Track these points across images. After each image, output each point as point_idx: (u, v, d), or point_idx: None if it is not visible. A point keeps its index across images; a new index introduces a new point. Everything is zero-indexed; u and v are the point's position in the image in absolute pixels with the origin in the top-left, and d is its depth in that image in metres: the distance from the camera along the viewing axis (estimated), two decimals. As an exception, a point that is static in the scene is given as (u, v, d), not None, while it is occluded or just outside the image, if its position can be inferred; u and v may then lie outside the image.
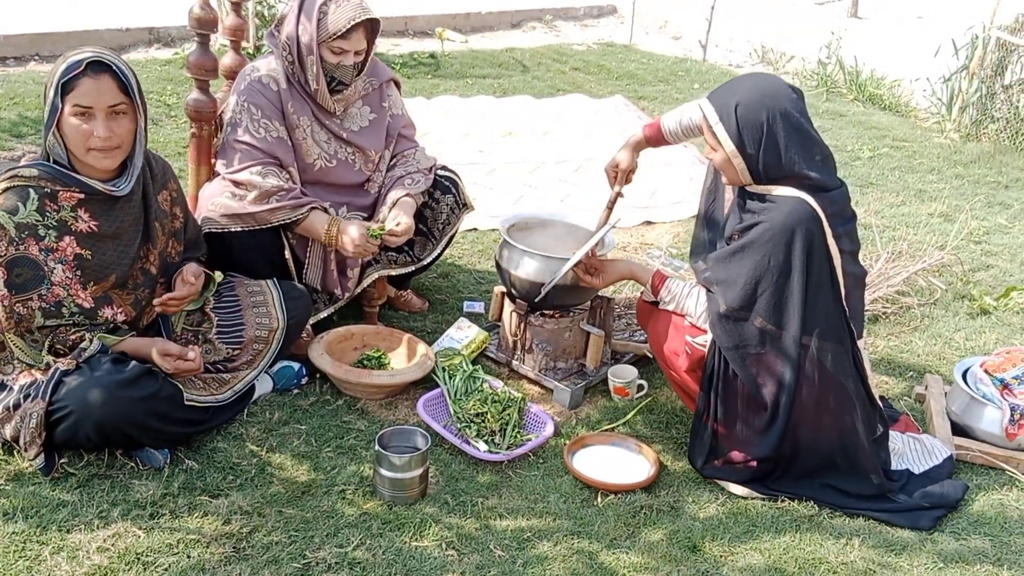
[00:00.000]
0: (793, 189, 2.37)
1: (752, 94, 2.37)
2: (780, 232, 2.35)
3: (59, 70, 2.27)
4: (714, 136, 2.40)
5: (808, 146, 2.37)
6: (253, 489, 2.39)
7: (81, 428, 2.28)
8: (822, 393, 2.44)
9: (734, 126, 2.35)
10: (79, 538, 2.17)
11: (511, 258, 2.89)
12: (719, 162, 2.44)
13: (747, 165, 2.38)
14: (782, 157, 2.35)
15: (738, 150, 2.36)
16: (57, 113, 2.27)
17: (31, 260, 2.32)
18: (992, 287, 3.97)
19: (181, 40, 6.56)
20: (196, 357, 2.50)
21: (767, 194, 2.41)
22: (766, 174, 2.38)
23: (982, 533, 2.48)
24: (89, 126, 2.28)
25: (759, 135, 2.33)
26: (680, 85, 6.86)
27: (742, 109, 2.34)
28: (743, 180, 2.44)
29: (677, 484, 2.58)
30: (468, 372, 2.86)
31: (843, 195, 2.46)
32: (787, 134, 2.34)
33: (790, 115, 2.34)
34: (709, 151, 2.47)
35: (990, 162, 5.64)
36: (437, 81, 6.34)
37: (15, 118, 4.75)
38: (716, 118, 2.38)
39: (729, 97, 2.39)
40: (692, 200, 4.65)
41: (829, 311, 2.42)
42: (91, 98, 2.26)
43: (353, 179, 3.04)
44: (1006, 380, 2.83)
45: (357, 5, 2.77)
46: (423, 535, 2.29)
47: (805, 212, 2.35)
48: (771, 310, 2.39)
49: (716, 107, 2.40)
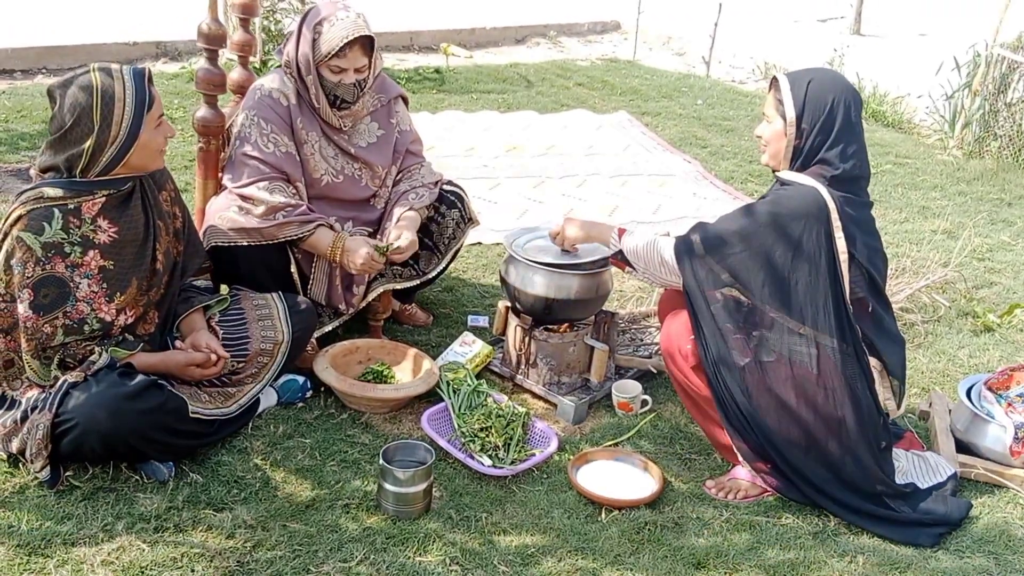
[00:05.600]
0: (813, 179, 2.43)
1: (826, 77, 2.50)
2: (784, 211, 2.43)
3: (130, 95, 2.33)
4: (780, 103, 2.46)
5: (851, 142, 2.44)
6: (257, 503, 2.39)
7: (86, 440, 2.29)
8: (799, 378, 2.45)
9: (802, 97, 2.43)
10: (83, 551, 2.17)
11: (515, 272, 2.89)
12: (769, 135, 2.51)
13: (795, 141, 2.45)
14: (828, 141, 2.42)
15: (796, 120, 2.43)
16: (137, 136, 2.35)
17: (57, 278, 2.34)
18: (996, 304, 3.97)
19: (188, 54, 6.60)
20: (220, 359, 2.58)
21: (790, 180, 2.48)
22: (805, 156, 2.45)
23: (985, 551, 2.48)
24: (162, 129, 2.44)
25: (820, 113, 2.41)
26: (683, 101, 6.90)
27: (814, 85, 2.44)
28: (782, 162, 2.50)
29: (681, 500, 2.58)
30: (472, 386, 2.87)
31: (868, 207, 2.51)
32: (843, 123, 2.42)
33: (851, 108, 2.44)
34: (763, 125, 2.54)
35: (993, 179, 5.66)
36: (442, 96, 6.37)
37: (23, 130, 4.78)
38: (788, 86, 2.46)
39: (804, 74, 2.50)
40: (695, 215, 4.67)
41: (832, 307, 2.43)
42: (160, 105, 2.44)
43: (359, 194, 3.06)
44: (1010, 398, 2.83)
45: (351, 23, 2.77)
46: (427, 550, 2.29)
47: (815, 200, 2.41)
48: (741, 274, 2.44)
49: (790, 78, 2.49)
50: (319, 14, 2.80)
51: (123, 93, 2.32)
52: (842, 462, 2.51)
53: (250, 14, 3.18)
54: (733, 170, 5.46)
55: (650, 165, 5.40)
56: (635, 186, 5.06)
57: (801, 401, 2.45)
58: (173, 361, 2.55)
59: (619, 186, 5.04)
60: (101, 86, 2.30)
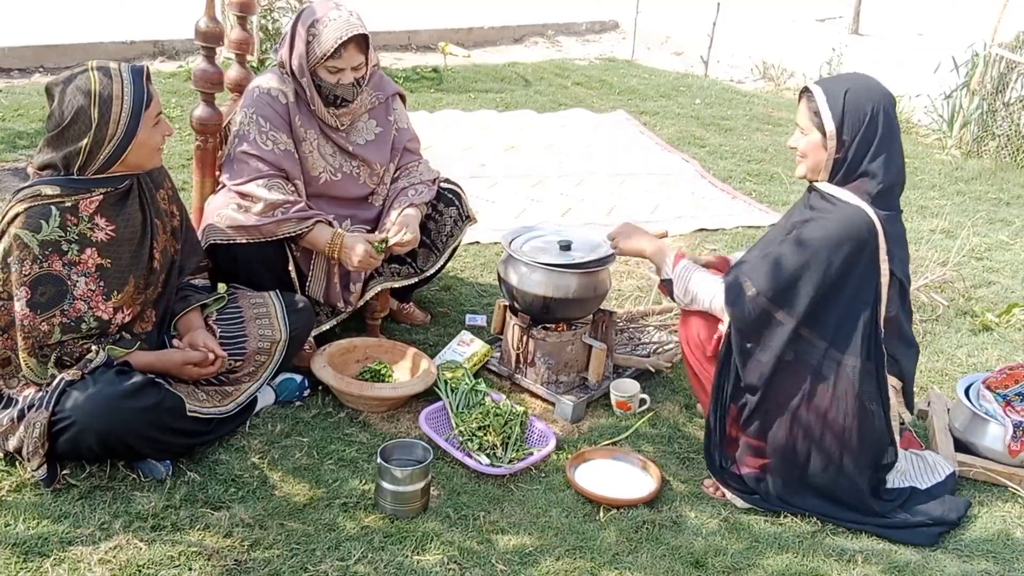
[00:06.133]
0: (857, 196, 2.38)
1: (861, 84, 2.42)
2: (835, 237, 2.36)
3: (128, 93, 2.31)
4: (816, 116, 2.39)
5: (892, 152, 2.39)
6: (255, 502, 2.39)
7: (83, 438, 2.28)
8: (833, 404, 2.43)
9: (840, 108, 2.36)
10: (80, 550, 2.16)
11: (513, 271, 2.89)
12: (806, 147, 2.44)
13: (836, 154, 2.39)
14: (869, 152, 2.37)
15: (836, 132, 2.37)
16: (135, 134, 2.34)
17: (55, 276, 2.33)
18: (994, 303, 3.97)
19: (186, 53, 6.59)
20: (218, 358, 2.57)
21: (833, 195, 2.41)
22: (847, 169, 2.39)
23: (985, 551, 2.48)
24: (159, 128, 2.43)
25: (860, 124, 2.35)
26: (682, 100, 6.89)
27: (851, 95, 2.37)
28: (821, 173, 2.44)
29: (679, 499, 2.58)
30: (470, 385, 2.86)
31: (900, 220, 2.46)
32: (883, 131, 2.37)
33: (891, 115, 2.39)
34: (798, 136, 2.47)
35: (991, 179, 5.66)
36: (440, 95, 6.37)
37: (21, 129, 4.77)
38: (824, 98, 2.38)
39: (837, 83, 2.43)
40: (694, 214, 4.67)
41: (864, 327, 2.40)
42: (159, 103, 2.42)
43: (357, 192, 3.05)
44: (1008, 397, 2.83)
45: (344, 23, 2.76)
46: (425, 549, 2.28)
47: (864, 222, 2.36)
48: (806, 313, 2.37)
49: (824, 88, 2.41)
50: (312, 15, 2.79)
51: (121, 91, 2.31)
52: (835, 483, 2.50)
53: (247, 12, 3.17)
54: (731, 169, 5.45)
55: (648, 164, 5.40)
56: (633, 185, 5.05)
57: (810, 406, 2.44)
58: (170, 360, 2.55)
59: (617, 185, 5.04)
60: (99, 84, 2.30)
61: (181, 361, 2.55)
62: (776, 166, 5.55)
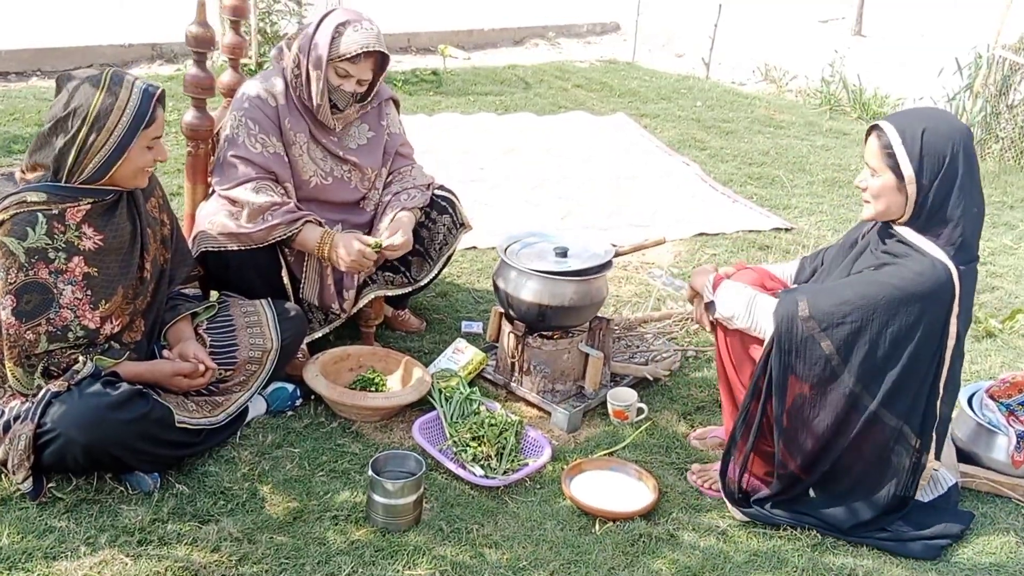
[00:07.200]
0: (938, 247, 2.25)
1: (939, 123, 2.26)
2: (909, 289, 2.23)
3: (132, 107, 2.27)
4: (890, 157, 2.25)
5: (974, 193, 2.26)
6: (244, 515, 2.35)
7: (69, 450, 2.24)
8: (868, 442, 2.37)
9: (917, 151, 2.21)
10: (65, 565, 2.12)
11: (509, 278, 2.85)
12: (879, 189, 2.28)
13: (916, 198, 2.25)
14: (952, 196, 2.23)
15: (915, 177, 2.22)
16: (127, 149, 2.29)
17: (41, 284, 2.30)
18: (997, 309, 3.92)
19: (183, 56, 6.57)
20: (208, 370, 2.54)
21: (914, 243, 2.27)
22: (928, 213, 2.25)
23: (988, 564, 2.43)
24: (153, 152, 2.37)
25: (940, 166, 2.21)
26: (683, 103, 6.85)
27: (929, 135, 2.22)
28: (897, 215, 2.30)
29: (677, 512, 2.53)
30: (465, 394, 2.82)
31: (976, 270, 2.32)
32: (964, 172, 2.23)
33: (972, 155, 2.24)
34: (868, 176, 2.32)
35: (995, 182, 5.61)
36: (439, 98, 6.33)
37: (16, 133, 4.74)
38: (899, 140, 2.24)
39: (913, 120, 2.27)
40: (693, 219, 4.63)
41: (916, 392, 2.31)
42: (161, 128, 2.37)
43: (349, 197, 3.02)
44: (1012, 406, 2.78)
45: (374, 36, 2.77)
46: (416, 564, 2.24)
47: (942, 280, 2.22)
48: (860, 367, 2.28)
49: (897, 126, 2.26)
50: (345, 16, 2.79)
51: (125, 103, 2.28)
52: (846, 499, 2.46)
53: (240, 16, 3.14)
54: (732, 172, 5.41)
55: (649, 168, 5.36)
56: (633, 189, 5.01)
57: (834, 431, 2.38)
58: (160, 370, 2.51)
59: (617, 189, 4.99)
60: (107, 88, 2.27)
61: (171, 372, 2.51)
62: (778, 169, 5.51)
